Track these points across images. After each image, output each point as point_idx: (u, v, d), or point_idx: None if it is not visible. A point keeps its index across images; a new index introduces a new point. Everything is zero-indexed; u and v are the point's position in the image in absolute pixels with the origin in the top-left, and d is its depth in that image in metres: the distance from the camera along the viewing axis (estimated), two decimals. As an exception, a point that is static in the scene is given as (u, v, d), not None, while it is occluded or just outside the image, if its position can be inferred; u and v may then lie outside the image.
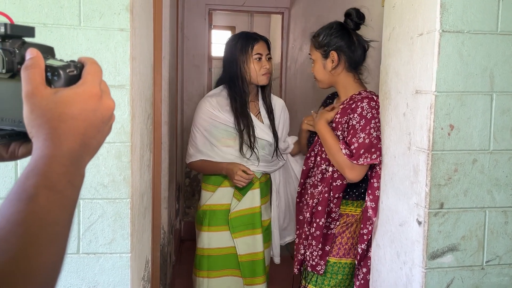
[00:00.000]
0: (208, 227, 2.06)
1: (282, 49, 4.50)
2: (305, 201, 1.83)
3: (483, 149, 1.19)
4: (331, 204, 1.69)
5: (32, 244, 0.41)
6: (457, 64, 1.16)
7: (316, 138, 1.77)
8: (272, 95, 2.18)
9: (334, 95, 1.91)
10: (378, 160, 1.54)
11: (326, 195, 1.68)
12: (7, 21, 0.54)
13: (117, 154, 1.22)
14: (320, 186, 1.72)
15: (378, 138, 1.56)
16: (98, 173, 1.22)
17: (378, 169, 1.56)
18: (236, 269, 2.08)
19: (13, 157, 0.56)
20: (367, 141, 1.56)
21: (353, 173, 1.59)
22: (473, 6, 1.15)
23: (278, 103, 2.22)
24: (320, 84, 1.81)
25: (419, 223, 1.22)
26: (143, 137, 1.41)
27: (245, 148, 2.01)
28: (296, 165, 2.20)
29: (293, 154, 2.21)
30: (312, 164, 1.80)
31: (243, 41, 2.04)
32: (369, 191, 1.60)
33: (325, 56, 1.74)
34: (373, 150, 1.55)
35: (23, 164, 1.18)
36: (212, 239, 2.06)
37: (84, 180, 0.49)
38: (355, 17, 1.73)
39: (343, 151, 1.60)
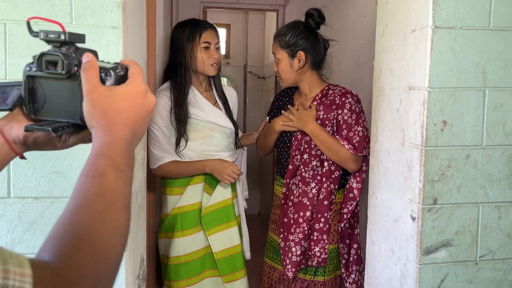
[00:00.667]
0: (182, 231, 1.90)
1: (277, 46, 4.50)
2: (290, 202, 1.83)
3: (476, 144, 1.19)
4: (332, 196, 1.79)
5: (109, 210, 0.51)
6: (449, 60, 1.16)
7: (299, 137, 1.81)
8: (224, 85, 2.11)
9: (288, 92, 1.98)
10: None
11: (329, 188, 1.78)
12: (60, 28, 0.62)
13: (110, 152, 1.21)
14: (313, 182, 1.78)
15: (367, 129, 1.73)
16: (91, 172, 1.21)
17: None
18: (214, 268, 1.95)
19: (64, 146, 0.68)
20: (364, 133, 1.73)
21: (357, 164, 1.77)
22: (465, 1, 1.15)
23: (233, 94, 2.14)
24: (284, 82, 1.88)
25: (413, 219, 1.22)
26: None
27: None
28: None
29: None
30: (298, 163, 1.81)
31: (191, 28, 1.92)
32: (357, 174, 1.76)
33: (292, 55, 1.80)
34: (367, 140, 1.72)
35: (15, 163, 1.18)
36: (187, 244, 1.91)
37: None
38: (317, 18, 1.81)
39: (346, 146, 1.72)
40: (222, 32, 5.72)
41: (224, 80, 5.68)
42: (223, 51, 5.41)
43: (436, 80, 1.16)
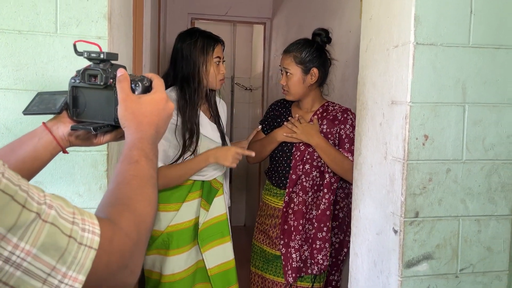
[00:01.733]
0: (178, 249, 1.84)
1: (264, 59, 4.53)
2: (291, 210, 1.91)
3: (456, 159, 1.22)
4: (331, 206, 1.91)
5: (144, 187, 0.66)
6: (431, 76, 1.19)
7: (302, 148, 1.91)
8: (218, 98, 2.07)
9: (284, 103, 2.06)
10: None
11: (331, 199, 1.89)
12: (97, 48, 0.80)
13: (93, 162, 1.20)
14: (310, 191, 1.88)
15: None
16: (73, 182, 1.20)
17: None
18: (206, 282, 1.91)
19: (99, 142, 0.85)
20: None
21: None
22: (446, 19, 1.18)
23: (225, 106, 2.10)
24: (291, 96, 1.95)
25: (395, 231, 1.23)
26: (122, 146, 1.40)
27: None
28: None
29: None
30: (300, 173, 1.90)
31: (205, 41, 1.86)
32: None
33: (306, 72, 1.89)
34: None
35: None
36: (183, 261, 1.86)
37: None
38: (324, 37, 1.93)
39: (350, 157, 1.84)
40: (210, 43, 5.72)
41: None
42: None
43: (418, 95, 1.18)
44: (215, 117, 2.00)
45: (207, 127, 1.90)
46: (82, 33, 1.17)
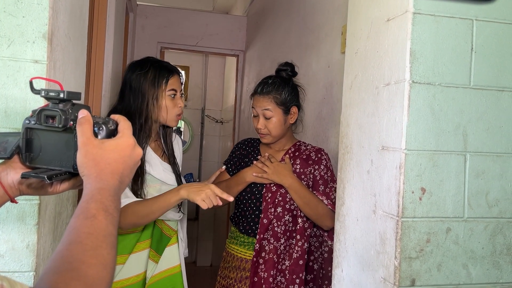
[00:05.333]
0: None
1: (236, 91, 4.39)
2: (261, 260, 1.69)
3: (457, 216, 1.05)
4: (306, 255, 1.70)
5: (100, 247, 0.58)
6: (428, 120, 1.03)
7: (274, 189, 1.72)
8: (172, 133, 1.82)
9: (252, 142, 1.89)
10: None
11: (304, 247, 1.68)
12: (58, 86, 0.70)
13: (20, 214, 0.97)
14: (282, 238, 1.69)
15: None
16: (-8, 239, 0.96)
17: None
18: None
19: (55, 191, 0.76)
20: None
21: (333, 222, 1.60)
22: (445, 56, 1.04)
23: (179, 141, 1.83)
24: (271, 139, 1.77)
25: (387, 302, 1.04)
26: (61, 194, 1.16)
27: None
28: None
29: None
30: (272, 216, 1.71)
31: (156, 72, 1.61)
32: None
33: (287, 112, 1.75)
34: None
35: None
36: None
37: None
38: (290, 72, 1.79)
39: (325, 201, 1.67)
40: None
41: (181, 123, 5.47)
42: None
43: (414, 141, 1.02)
44: (169, 157, 1.73)
45: (157, 168, 1.64)
46: (15, 55, 0.96)
